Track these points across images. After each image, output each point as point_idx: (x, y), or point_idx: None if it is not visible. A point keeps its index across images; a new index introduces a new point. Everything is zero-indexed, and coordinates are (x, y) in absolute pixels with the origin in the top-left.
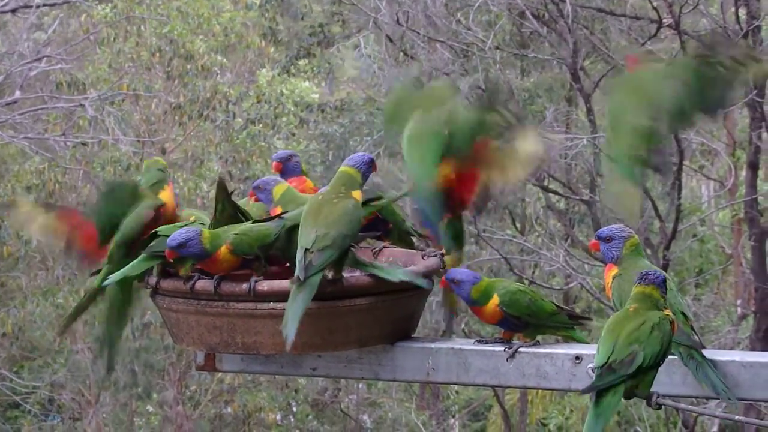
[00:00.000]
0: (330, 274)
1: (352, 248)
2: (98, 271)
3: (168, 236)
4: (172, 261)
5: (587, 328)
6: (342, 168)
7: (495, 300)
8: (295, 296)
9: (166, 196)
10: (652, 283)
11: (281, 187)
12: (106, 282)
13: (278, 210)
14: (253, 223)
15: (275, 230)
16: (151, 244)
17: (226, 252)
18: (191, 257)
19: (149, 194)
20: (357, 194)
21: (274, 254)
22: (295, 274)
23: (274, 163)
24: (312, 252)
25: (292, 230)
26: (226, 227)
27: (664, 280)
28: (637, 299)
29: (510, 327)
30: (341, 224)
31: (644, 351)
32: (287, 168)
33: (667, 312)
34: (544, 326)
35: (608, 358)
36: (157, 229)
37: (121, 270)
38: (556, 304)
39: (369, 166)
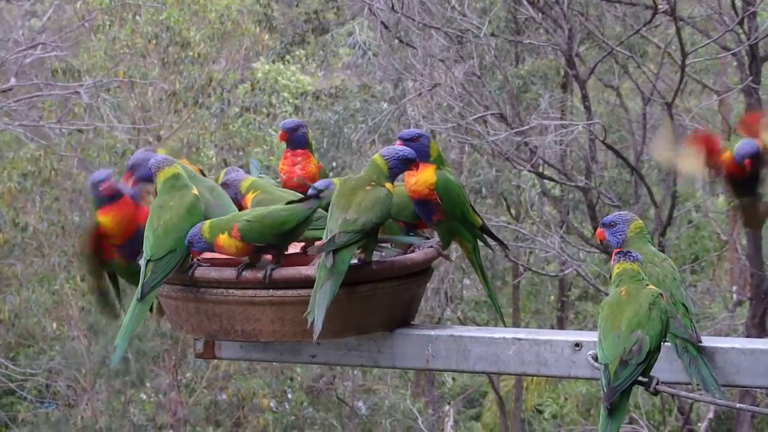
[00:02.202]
0: (357, 259)
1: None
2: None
3: (160, 258)
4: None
5: None
6: (374, 156)
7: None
8: (322, 282)
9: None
10: (635, 260)
11: (246, 181)
12: (115, 361)
13: (248, 198)
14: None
15: (301, 214)
16: (146, 278)
17: (225, 239)
18: (202, 251)
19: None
20: (389, 186)
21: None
22: (318, 248)
23: (280, 132)
24: (336, 234)
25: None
26: (243, 212)
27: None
28: (623, 278)
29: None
30: (372, 212)
31: (649, 334)
32: (293, 138)
33: (652, 287)
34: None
35: (617, 352)
36: (149, 257)
37: (126, 330)
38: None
39: (399, 162)
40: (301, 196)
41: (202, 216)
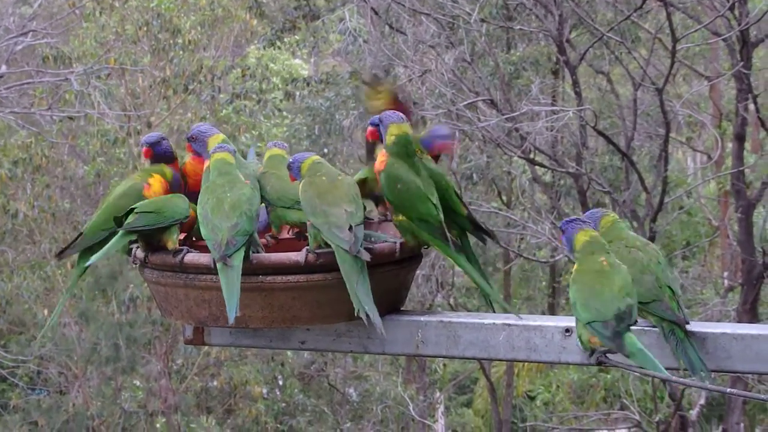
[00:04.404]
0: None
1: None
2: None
3: (145, 212)
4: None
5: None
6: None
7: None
8: (356, 276)
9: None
10: (594, 227)
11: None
12: (90, 262)
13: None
14: None
15: None
16: (128, 221)
17: None
18: None
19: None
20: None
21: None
22: (352, 248)
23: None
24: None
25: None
26: None
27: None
28: (596, 248)
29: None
30: (359, 200)
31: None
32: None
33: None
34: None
35: (613, 308)
36: (134, 206)
37: (103, 249)
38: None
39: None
40: None
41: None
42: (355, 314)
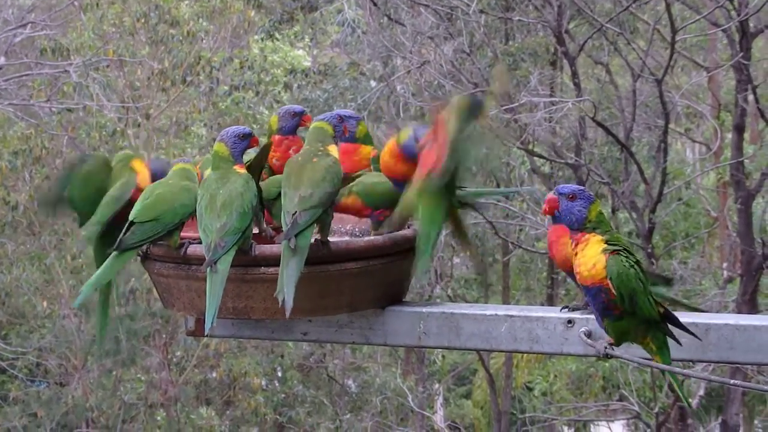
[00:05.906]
0: (313, 239)
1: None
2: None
3: (144, 222)
4: None
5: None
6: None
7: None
8: (287, 261)
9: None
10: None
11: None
12: (77, 301)
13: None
14: None
15: None
16: (126, 237)
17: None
18: None
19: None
20: (333, 149)
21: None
22: (284, 235)
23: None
24: (297, 213)
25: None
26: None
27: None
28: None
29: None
30: (325, 183)
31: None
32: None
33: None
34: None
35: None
36: (132, 219)
37: (96, 274)
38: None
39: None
40: None
41: (194, 197)
42: (274, 295)
